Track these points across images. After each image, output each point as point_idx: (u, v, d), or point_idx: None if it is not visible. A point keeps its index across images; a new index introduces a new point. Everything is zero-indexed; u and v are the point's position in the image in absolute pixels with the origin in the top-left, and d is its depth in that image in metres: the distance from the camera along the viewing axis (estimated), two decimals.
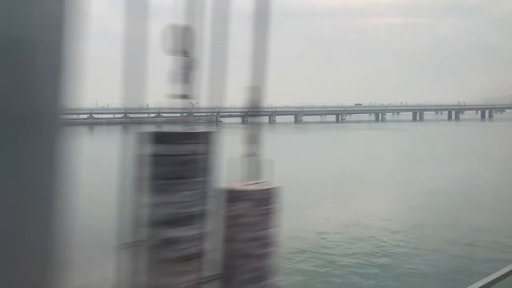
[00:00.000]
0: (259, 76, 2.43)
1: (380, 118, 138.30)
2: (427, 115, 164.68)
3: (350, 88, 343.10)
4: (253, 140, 2.40)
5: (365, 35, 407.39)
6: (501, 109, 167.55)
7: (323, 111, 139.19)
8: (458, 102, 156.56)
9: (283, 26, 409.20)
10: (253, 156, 2.36)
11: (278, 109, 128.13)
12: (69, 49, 1.21)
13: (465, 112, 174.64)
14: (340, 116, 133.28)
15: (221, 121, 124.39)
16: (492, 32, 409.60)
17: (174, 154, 1.87)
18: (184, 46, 1.99)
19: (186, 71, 2.07)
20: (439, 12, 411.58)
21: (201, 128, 2.31)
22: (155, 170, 1.84)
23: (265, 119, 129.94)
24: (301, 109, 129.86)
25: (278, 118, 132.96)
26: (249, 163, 2.35)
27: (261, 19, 2.36)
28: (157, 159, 1.86)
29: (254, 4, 2.33)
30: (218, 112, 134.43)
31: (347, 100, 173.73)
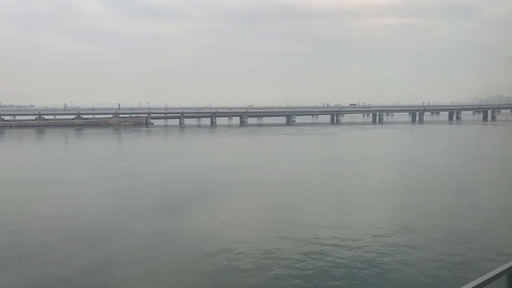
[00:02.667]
0: None
1: (335, 120, 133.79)
2: (401, 116, 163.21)
3: (336, 88, 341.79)
4: None
5: (359, 35, 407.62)
6: (485, 109, 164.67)
7: (270, 113, 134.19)
8: (423, 102, 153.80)
9: (276, 26, 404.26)
10: None
11: (219, 110, 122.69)
12: None
13: (441, 113, 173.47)
14: (290, 118, 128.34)
15: (152, 123, 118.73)
16: (486, 33, 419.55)
17: None
18: None
19: None
20: (434, 12, 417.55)
21: None
22: None
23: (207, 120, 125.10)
24: (245, 110, 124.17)
25: (220, 120, 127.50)
26: None
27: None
28: None
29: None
30: (148, 114, 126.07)
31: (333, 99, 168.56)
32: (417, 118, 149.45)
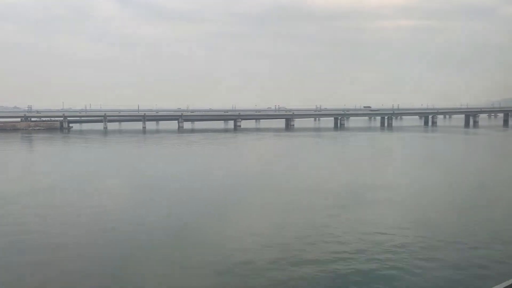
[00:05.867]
0: None
1: (289, 125, 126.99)
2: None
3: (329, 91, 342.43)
4: None
5: (376, 37, 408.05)
6: (466, 114, 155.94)
7: (211, 116, 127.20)
8: (392, 105, 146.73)
9: (292, 28, 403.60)
10: None
11: (148, 113, 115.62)
12: None
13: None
14: (235, 122, 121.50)
15: (71, 127, 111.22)
16: (503, 34, 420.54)
17: None
18: None
19: None
20: (450, 14, 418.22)
21: None
22: None
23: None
24: (180, 114, 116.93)
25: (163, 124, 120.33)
26: None
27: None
28: None
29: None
30: (64, 117, 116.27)
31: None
32: (385, 124, 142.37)
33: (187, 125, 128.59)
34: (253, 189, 32.87)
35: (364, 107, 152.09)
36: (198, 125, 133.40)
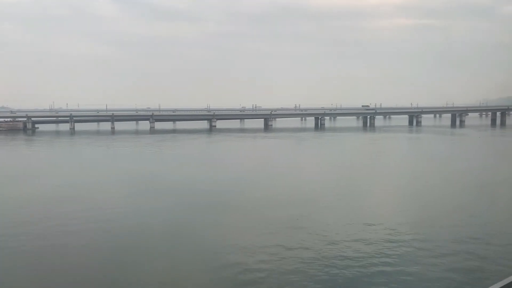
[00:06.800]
0: None
1: (267, 126, 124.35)
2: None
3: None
4: None
5: (373, 36, 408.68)
6: (452, 112, 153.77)
7: (185, 116, 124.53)
8: (375, 104, 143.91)
9: (291, 27, 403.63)
10: None
11: (117, 113, 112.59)
12: None
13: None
14: (210, 122, 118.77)
15: (37, 128, 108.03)
16: (503, 32, 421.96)
17: None
18: None
19: None
20: (450, 13, 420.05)
21: None
22: None
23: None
24: (151, 113, 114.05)
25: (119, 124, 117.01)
26: None
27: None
28: None
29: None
30: (28, 117, 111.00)
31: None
32: (368, 123, 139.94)
33: (169, 125, 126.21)
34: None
35: (362, 106, 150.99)
36: (180, 125, 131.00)
